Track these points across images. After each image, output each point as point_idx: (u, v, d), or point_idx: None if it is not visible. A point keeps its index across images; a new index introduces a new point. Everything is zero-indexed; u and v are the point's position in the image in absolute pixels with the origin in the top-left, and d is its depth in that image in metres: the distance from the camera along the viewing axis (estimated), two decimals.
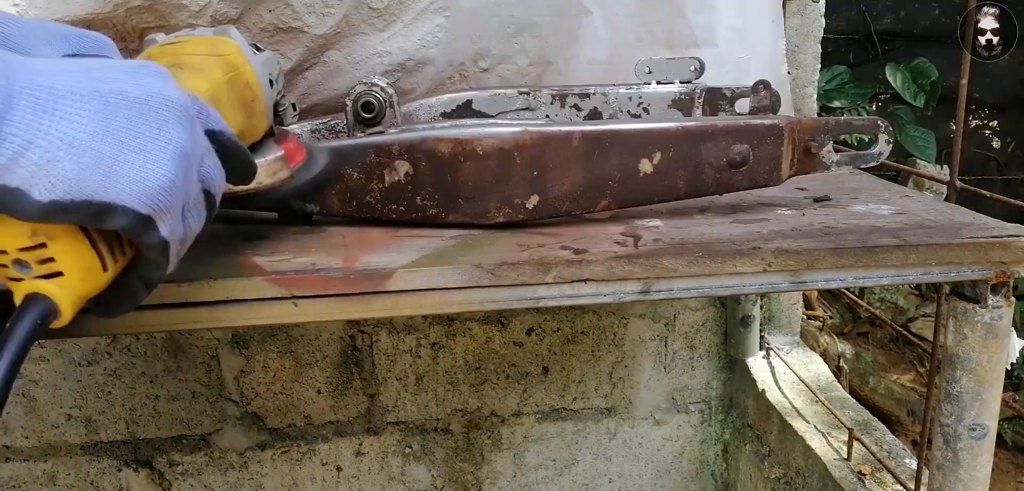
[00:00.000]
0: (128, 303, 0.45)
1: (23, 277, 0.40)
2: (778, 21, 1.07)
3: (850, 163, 0.69)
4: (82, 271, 0.40)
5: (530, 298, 0.56)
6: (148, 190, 0.39)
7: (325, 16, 0.88)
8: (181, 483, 1.30)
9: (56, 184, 0.36)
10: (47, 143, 0.35)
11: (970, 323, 0.63)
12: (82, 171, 0.36)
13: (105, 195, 0.37)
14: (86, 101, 0.37)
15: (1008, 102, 2.96)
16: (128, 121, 0.39)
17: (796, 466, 1.14)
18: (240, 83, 0.52)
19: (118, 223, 0.38)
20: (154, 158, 0.40)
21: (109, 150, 0.38)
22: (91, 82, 0.38)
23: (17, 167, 0.35)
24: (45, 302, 0.39)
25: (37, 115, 0.35)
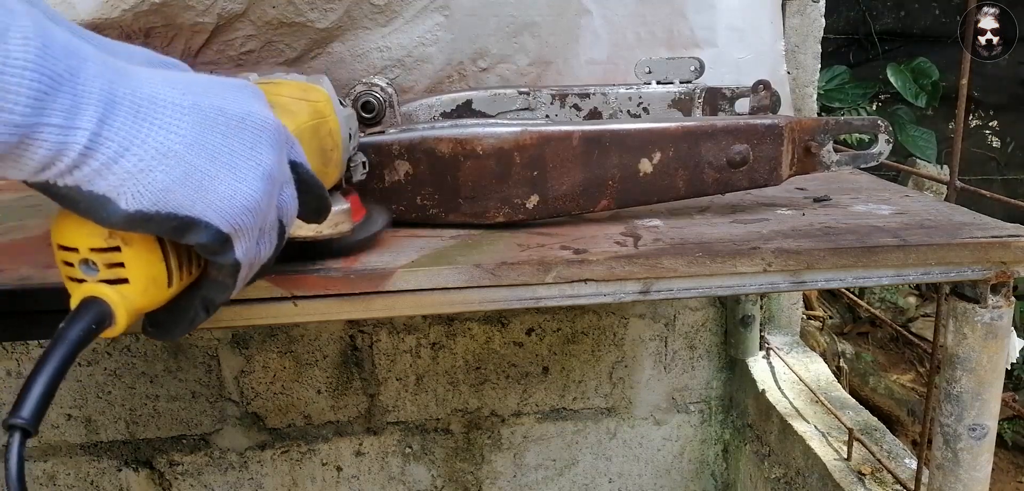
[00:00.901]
0: (183, 326, 0.44)
1: (87, 278, 0.39)
2: (778, 21, 1.07)
3: (850, 163, 0.69)
4: (147, 282, 0.40)
5: (530, 298, 0.56)
6: (234, 208, 0.39)
7: (327, 11, 0.88)
8: (181, 483, 1.30)
9: (144, 194, 0.35)
10: (142, 151, 0.35)
11: (970, 323, 0.63)
12: (172, 183, 0.36)
13: (191, 209, 0.37)
14: (186, 113, 0.37)
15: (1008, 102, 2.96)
16: (224, 137, 0.38)
17: (796, 466, 1.14)
18: (323, 131, 0.52)
19: (198, 239, 0.38)
20: (244, 176, 0.39)
21: (201, 163, 0.37)
22: (193, 95, 0.38)
23: (109, 173, 0.34)
24: (102, 307, 0.39)
25: (136, 122, 0.35)
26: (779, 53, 1.07)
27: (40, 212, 0.73)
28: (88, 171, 0.34)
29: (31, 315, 0.51)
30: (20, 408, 0.35)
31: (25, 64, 0.31)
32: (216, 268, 0.41)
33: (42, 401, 0.35)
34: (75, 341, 0.37)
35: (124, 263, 0.39)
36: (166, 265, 0.40)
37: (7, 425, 0.34)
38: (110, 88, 0.34)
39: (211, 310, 0.44)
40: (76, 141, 0.33)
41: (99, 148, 0.34)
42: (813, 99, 1.23)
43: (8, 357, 1.19)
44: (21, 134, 0.32)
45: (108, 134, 0.34)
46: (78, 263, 0.39)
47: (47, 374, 0.36)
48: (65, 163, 0.34)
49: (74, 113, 0.33)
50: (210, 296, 0.43)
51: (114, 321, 0.39)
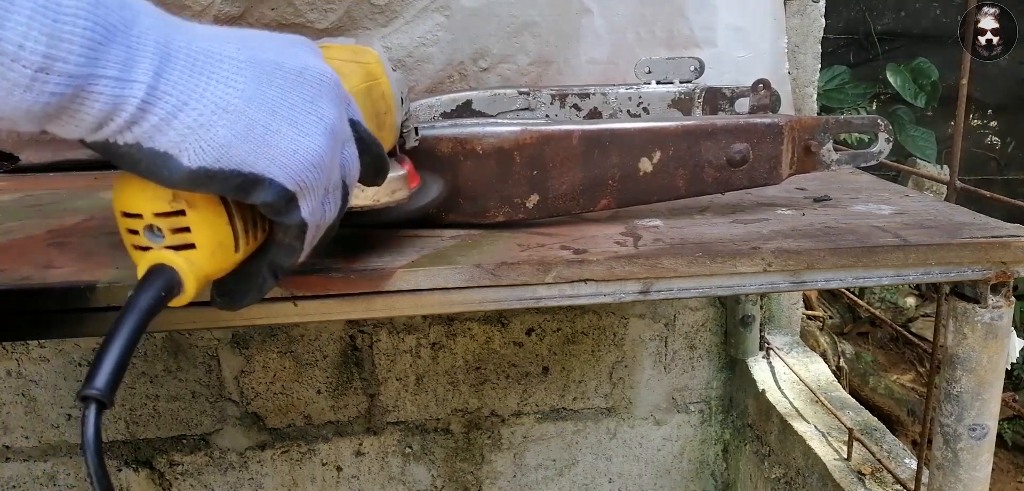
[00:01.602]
0: (253, 293, 0.42)
1: (152, 245, 0.38)
2: (781, 18, 1.07)
3: (850, 162, 0.69)
4: (214, 246, 0.38)
5: (530, 298, 0.56)
6: (298, 164, 0.37)
7: (327, 12, 0.88)
8: (181, 483, 1.30)
9: (207, 150, 0.34)
10: (201, 106, 0.34)
11: (970, 323, 0.63)
12: (233, 138, 0.35)
13: (254, 166, 0.36)
14: (243, 67, 0.36)
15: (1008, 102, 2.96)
16: (282, 91, 0.37)
17: (796, 466, 1.14)
18: (376, 93, 0.51)
19: (263, 197, 0.37)
20: (306, 131, 0.38)
21: (262, 118, 0.36)
22: (248, 50, 0.37)
23: (169, 128, 0.33)
24: (170, 274, 0.37)
25: (193, 76, 0.34)
26: (780, 52, 1.07)
27: (40, 212, 0.73)
28: (147, 127, 0.33)
29: (31, 315, 0.51)
30: (94, 378, 0.34)
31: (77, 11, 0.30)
32: (282, 230, 0.40)
33: (116, 371, 0.34)
34: (145, 309, 0.36)
35: (190, 227, 0.37)
36: (232, 228, 0.39)
37: (82, 396, 0.33)
38: (165, 40, 0.33)
39: (279, 275, 0.42)
40: (133, 94, 0.32)
41: (157, 102, 0.33)
42: (813, 99, 1.23)
43: (8, 357, 1.19)
44: (76, 85, 0.31)
45: (165, 88, 0.33)
46: (143, 230, 0.38)
47: (119, 344, 0.35)
48: (123, 118, 0.32)
49: (130, 65, 0.32)
50: (278, 261, 0.42)
51: (183, 288, 0.38)
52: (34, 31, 0.29)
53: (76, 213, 0.72)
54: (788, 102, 1.09)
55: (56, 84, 0.30)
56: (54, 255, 0.57)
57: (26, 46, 0.29)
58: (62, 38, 0.30)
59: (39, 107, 0.31)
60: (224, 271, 0.40)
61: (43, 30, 0.29)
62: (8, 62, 0.29)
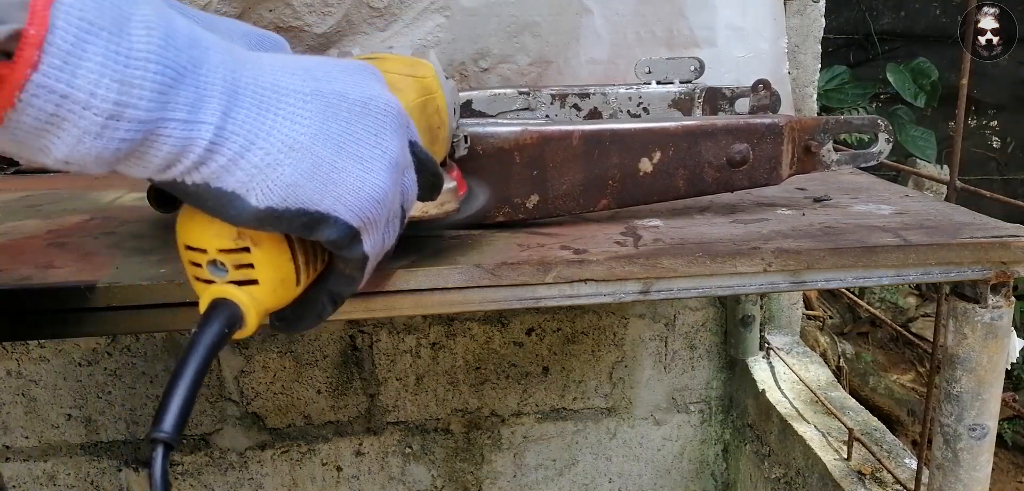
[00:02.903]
0: (311, 320, 0.42)
1: (215, 280, 0.38)
2: (781, 18, 1.07)
3: (850, 162, 0.69)
4: (276, 282, 0.38)
5: (530, 298, 0.56)
6: (362, 201, 0.37)
7: (326, 15, 0.88)
8: (181, 483, 1.30)
9: (273, 189, 0.34)
10: (268, 145, 0.34)
11: (970, 323, 0.63)
12: (300, 177, 0.34)
13: (320, 205, 0.35)
14: (308, 101, 0.35)
15: (1008, 102, 2.96)
16: (347, 124, 0.37)
17: (796, 466, 1.14)
18: (431, 108, 0.50)
19: (327, 235, 0.36)
20: (370, 166, 0.37)
21: (328, 155, 0.35)
22: (313, 81, 0.36)
23: (237, 169, 0.33)
24: (232, 310, 0.38)
25: (260, 114, 0.33)
26: (781, 51, 1.07)
27: (40, 212, 0.73)
28: (215, 167, 0.33)
29: (31, 315, 0.51)
30: (162, 421, 0.34)
31: (148, 56, 0.30)
32: (342, 261, 0.40)
33: (183, 412, 0.34)
34: (210, 346, 0.36)
35: (253, 264, 0.37)
36: (294, 264, 0.39)
37: (150, 440, 0.34)
38: (232, 78, 0.33)
39: (338, 303, 0.42)
40: (201, 136, 0.32)
41: (225, 143, 0.32)
42: (813, 99, 1.23)
43: (8, 357, 1.19)
44: (145, 131, 0.30)
45: (233, 127, 0.33)
46: (206, 264, 0.38)
47: (185, 384, 0.35)
48: (190, 160, 0.32)
49: (198, 107, 0.31)
50: (337, 290, 0.41)
51: (244, 323, 0.38)
52: (106, 78, 0.29)
53: (76, 213, 0.72)
54: (788, 102, 1.09)
55: (126, 130, 0.30)
56: (54, 255, 0.57)
57: (98, 94, 0.29)
58: (133, 84, 0.29)
59: (109, 153, 0.30)
60: (285, 304, 0.40)
61: (114, 77, 0.29)
62: (79, 110, 0.29)
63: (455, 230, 0.62)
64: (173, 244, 0.59)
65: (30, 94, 0.28)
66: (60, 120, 0.29)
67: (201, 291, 0.39)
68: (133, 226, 0.66)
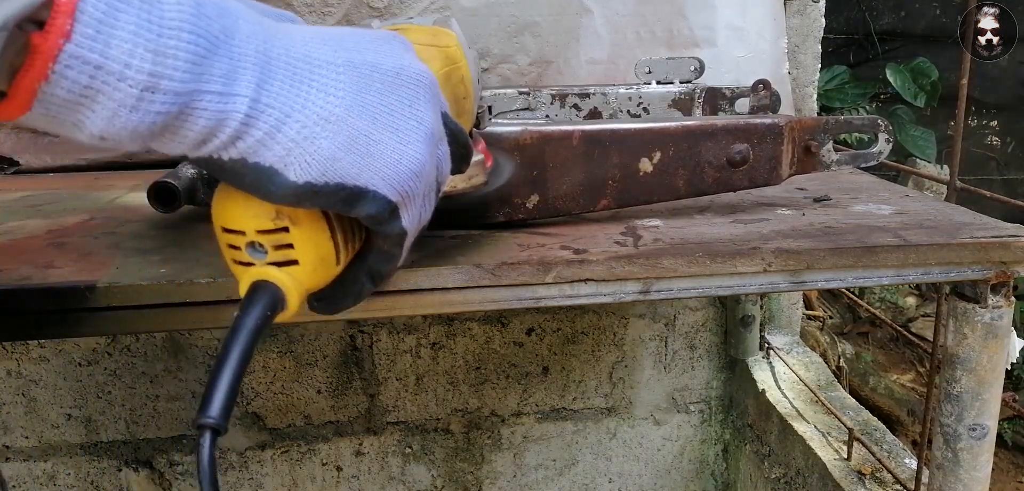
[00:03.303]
0: (351, 299, 0.41)
1: (255, 262, 0.37)
2: (781, 19, 1.07)
3: (850, 162, 0.69)
4: (316, 262, 0.38)
5: (530, 298, 0.56)
6: (400, 174, 0.36)
7: (326, 15, 0.88)
8: (181, 483, 1.30)
9: (312, 164, 0.33)
10: (304, 117, 0.32)
11: (970, 323, 0.63)
12: (337, 150, 0.33)
13: (358, 178, 0.34)
14: (341, 72, 0.34)
15: (1008, 102, 2.96)
16: (381, 95, 0.35)
17: (796, 466, 1.14)
18: (456, 78, 0.49)
19: (366, 210, 0.35)
20: (407, 138, 0.36)
21: (364, 127, 0.34)
22: (345, 52, 0.35)
23: (274, 143, 0.32)
24: (274, 291, 0.37)
25: (294, 86, 0.32)
26: (781, 51, 1.07)
27: (40, 212, 0.73)
28: (252, 142, 0.32)
29: (31, 315, 0.51)
30: (208, 407, 0.33)
31: (181, 24, 0.28)
32: (381, 237, 0.39)
33: (229, 397, 0.34)
34: (253, 330, 0.36)
35: (293, 244, 0.37)
36: (333, 242, 0.38)
37: (198, 425, 0.33)
38: (264, 48, 0.32)
39: (378, 281, 0.41)
40: (236, 109, 0.31)
41: (260, 116, 0.31)
42: (813, 99, 1.23)
43: (8, 357, 1.19)
44: (181, 103, 0.29)
45: (268, 100, 0.32)
46: (245, 246, 0.37)
47: (231, 369, 0.34)
48: (227, 134, 0.31)
49: (232, 78, 0.30)
50: (377, 268, 0.40)
51: (286, 305, 0.37)
52: (140, 47, 0.28)
53: (76, 213, 0.72)
54: (788, 102, 1.09)
55: (162, 102, 0.29)
56: (54, 255, 0.57)
57: (132, 64, 0.28)
58: (167, 54, 0.28)
59: (145, 126, 0.29)
60: (325, 283, 0.39)
61: (148, 46, 0.28)
62: (114, 82, 0.28)
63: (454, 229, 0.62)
64: (173, 244, 0.60)
65: (64, 65, 0.27)
66: (95, 93, 0.28)
67: (240, 274, 0.38)
68: (133, 226, 0.66)
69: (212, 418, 0.33)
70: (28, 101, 0.27)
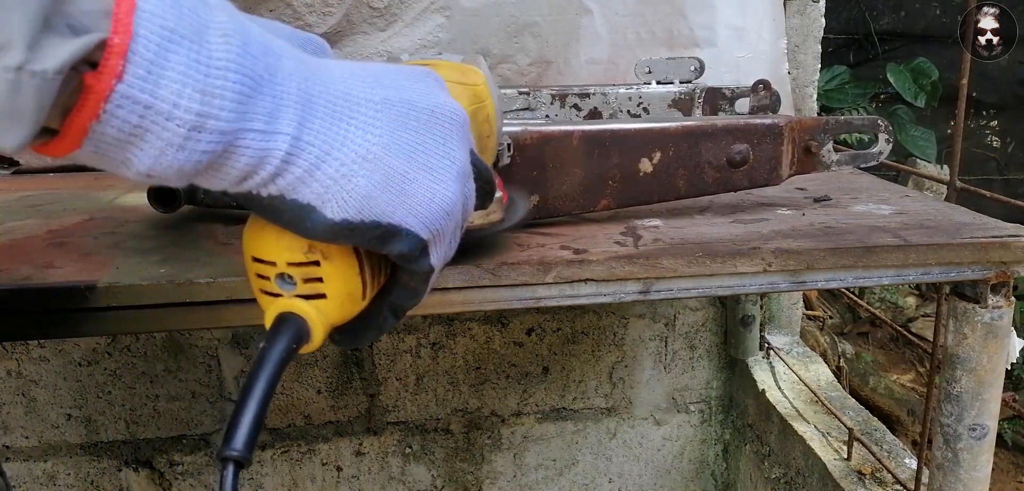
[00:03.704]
0: (372, 334, 0.42)
1: (283, 293, 0.37)
2: (780, 19, 1.07)
3: (850, 162, 0.69)
4: (344, 297, 0.38)
5: (530, 298, 0.56)
6: (432, 212, 0.36)
7: (326, 15, 0.88)
8: (181, 483, 1.30)
9: (349, 202, 0.33)
10: (343, 155, 0.33)
11: (970, 323, 0.63)
12: (373, 188, 0.34)
13: (392, 217, 0.35)
14: (379, 110, 0.34)
15: (1008, 102, 2.96)
16: (417, 133, 0.36)
17: (796, 466, 1.14)
18: (482, 117, 0.49)
19: (398, 248, 0.36)
20: (440, 177, 0.37)
21: (400, 165, 0.35)
22: (382, 89, 0.35)
23: (312, 180, 0.32)
24: (300, 324, 0.37)
25: (333, 124, 0.33)
26: (781, 51, 1.07)
27: (40, 212, 0.73)
28: (291, 179, 0.32)
29: (31, 315, 0.51)
30: (232, 439, 0.33)
31: (227, 64, 0.29)
32: (408, 274, 0.39)
33: (254, 429, 0.34)
34: (278, 361, 0.36)
35: (323, 278, 0.37)
36: (362, 278, 0.38)
37: (221, 458, 0.33)
38: (305, 86, 0.32)
39: (400, 316, 0.41)
40: (278, 147, 0.31)
41: (301, 154, 0.32)
42: (813, 99, 1.23)
43: (8, 357, 1.19)
44: (226, 142, 0.30)
45: (309, 138, 0.32)
46: (274, 277, 0.37)
47: (256, 401, 0.34)
48: (267, 171, 0.31)
49: (275, 117, 0.31)
50: (400, 303, 0.41)
51: (311, 338, 0.37)
52: (188, 88, 0.28)
53: (76, 213, 0.72)
54: (788, 102, 1.09)
55: (208, 142, 0.29)
56: (54, 255, 0.57)
57: (181, 104, 0.28)
58: (214, 93, 0.29)
59: (190, 165, 0.29)
60: (350, 318, 0.40)
61: (197, 86, 0.28)
62: (162, 121, 0.28)
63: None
64: (173, 244, 0.60)
65: (115, 105, 0.27)
66: (143, 132, 0.28)
67: (266, 304, 0.38)
68: (133, 226, 0.66)
69: (236, 450, 0.33)
70: (79, 139, 0.28)
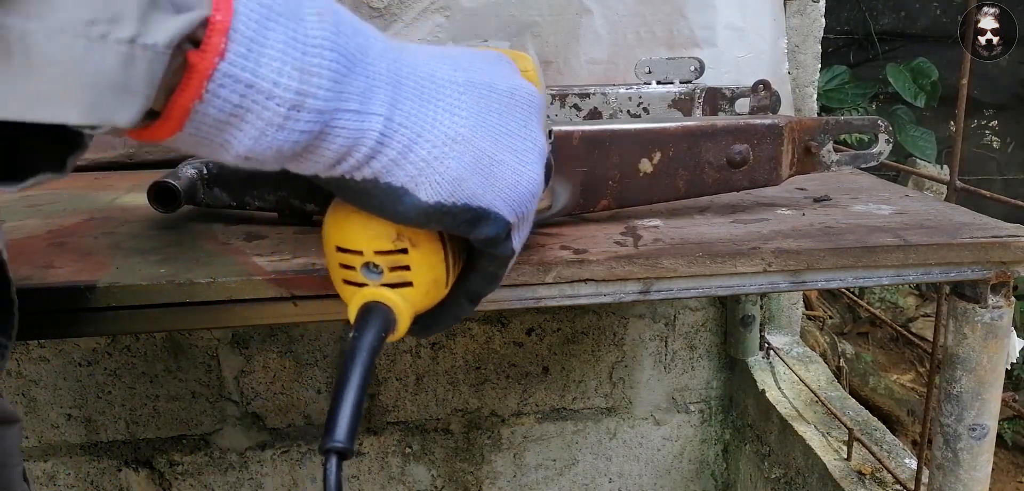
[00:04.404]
0: (448, 321, 0.41)
1: (368, 283, 0.37)
2: (780, 19, 1.07)
3: (850, 163, 0.69)
4: (429, 284, 0.37)
5: (530, 298, 0.56)
6: (519, 195, 0.36)
7: None
8: (181, 483, 1.30)
9: (441, 184, 0.33)
10: (434, 137, 0.32)
11: (970, 323, 0.63)
12: (464, 171, 0.33)
13: (482, 200, 0.34)
14: (463, 92, 0.34)
15: (1008, 102, 2.96)
16: (500, 116, 0.35)
17: (796, 466, 1.14)
18: None
19: (485, 232, 0.35)
20: (524, 159, 0.36)
21: (487, 147, 0.34)
22: (463, 71, 0.35)
23: (405, 163, 0.32)
24: (387, 313, 0.36)
25: (422, 105, 0.32)
26: (781, 51, 1.07)
27: (40, 212, 0.73)
28: (385, 161, 0.31)
29: (31, 315, 0.51)
30: (334, 431, 0.33)
31: (322, 42, 0.28)
32: (488, 259, 0.38)
33: (354, 419, 0.34)
34: (370, 351, 0.35)
35: (410, 265, 0.36)
36: (446, 265, 0.38)
37: (324, 450, 0.33)
38: (395, 67, 0.32)
39: (476, 302, 0.41)
40: (372, 128, 0.31)
41: (393, 135, 0.31)
42: (813, 99, 1.23)
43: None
44: (322, 122, 0.29)
45: (400, 119, 0.31)
46: (360, 266, 0.36)
47: (353, 391, 0.34)
48: (362, 154, 0.31)
49: (368, 97, 0.30)
50: (477, 289, 0.40)
51: (396, 328, 0.37)
52: (288, 66, 0.28)
53: (76, 213, 0.72)
54: (788, 102, 1.09)
55: (306, 121, 0.29)
56: (54, 255, 0.57)
57: (280, 82, 0.28)
58: (312, 71, 0.28)
59: (289, 146, 0.29)
60: (431, 306, 0.39)
61: (295, 65, 0.28)
62: (263, 100, 0.28)
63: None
64: (173, 244, 0.60)
65: (217, 84, 0.27)
66: (244, 112, 0.28)
67: (350, 294, 0.37)
68: (133, 226, 0.66)
69: (339, 442, 0.33)
70: (181, 120, 0.27)
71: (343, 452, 0.33)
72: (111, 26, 0.24)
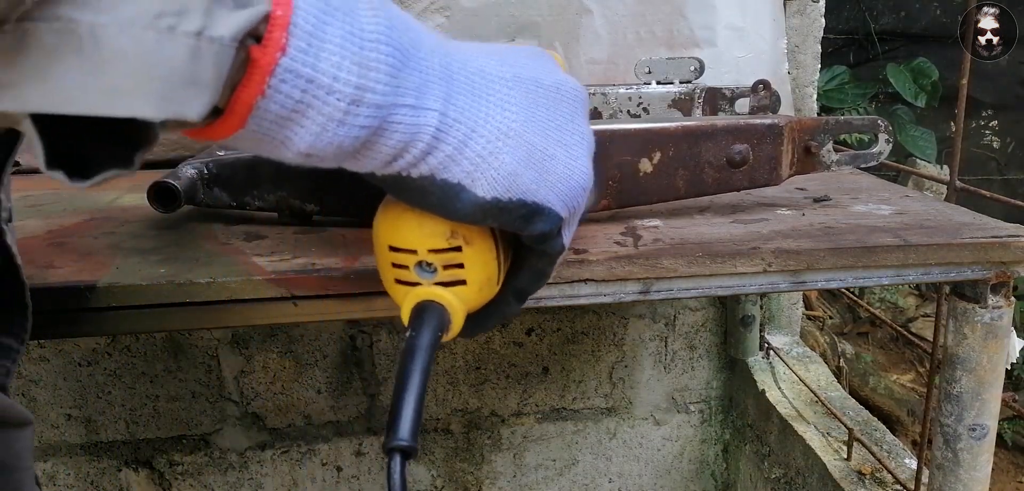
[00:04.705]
0: (496, 319, 0.41)
1: (422, 282, 0.37)
2: (780, 19, 1.07)
3: (850, 163, 0.69)
4: (482, 282, 0.37)
5: (530, 298, 0.56)
6: (570, 189, 0.35)
7: None
8: (181, 483, 1.30)
9: (497, 179, 0.32)
10: (487, 132, 0.32)
11: (970, 323, 0.63)
12: (518, 166, 0.33)
13: (536, 195, 0.34)
14: (512, 87, 0.34)
15: (1008, 102, 2.96)
16: (548, 111, 0.35)
17: (796, 466, 1.14)
18: None
19: (539, 228, 0.35)
20: (575, 153, 0.36)
21: (538, 142, 0.34)
22: (510, 67, 0.35)
23: (461, 158, 0.32)
24: (441, 311, 0.36)
25: (475, 100, 0.32)
26: (781, 51, 1.07)
27: (40, 212, 0.73)
28: (441, 157, 0.31)
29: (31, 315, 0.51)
30: (397, 429, 0.33)
31: (378, 36, 0.28)
32: (537, 255, 0.38)
33: (416, 418, 0.34)
34: (429, 350, 0.35)
35: (464, 263, 0.36)
36: (498, 262, 0.37)
37: (388, 449, 0.33)
38: (446, 62, 0.32)
39: (523, 301, 0.41)
40: (428, 123, 0.30)
41: (449, 131, 0.31)
42: (813, 99, 1.23)
43: None
44: (381, 118, 0.29)
45: (454, 114, 0.31)
46: (414, 265, 0.36)
47: (414, 390, 0.34)
48: (418, 149, 0.31)
49: (423, 91, 0.30)
50: (525, 287, 0.40)
51: (450, 327, 0.37)
52: (346, 60, 0.27)
53: (76, 213, 0.72)
54: (788, 102, 1.09)
55: (366, 116, 0.29)
56: (54, 255, 0.57)
57: (340, 77, 0.27)
58: (370, 66, 0.28)
59: (349, 142, 0.29)
60: (483, 304, 0.39)
61: (354, 59, 0.28)
62: (323, 95, 0.27)
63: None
64: (173, 244, 0.60)
65: (279, 79, 0.27)
66: (305, 107, 0.27)
67: (402, 294, 0.37)
68: (133, 226, 0.66)
69: (404, 440, 0.33)
70: (244, 117, 0.27)
71: (407, 451, 0.33)
72: (178, 19, 0.24)
